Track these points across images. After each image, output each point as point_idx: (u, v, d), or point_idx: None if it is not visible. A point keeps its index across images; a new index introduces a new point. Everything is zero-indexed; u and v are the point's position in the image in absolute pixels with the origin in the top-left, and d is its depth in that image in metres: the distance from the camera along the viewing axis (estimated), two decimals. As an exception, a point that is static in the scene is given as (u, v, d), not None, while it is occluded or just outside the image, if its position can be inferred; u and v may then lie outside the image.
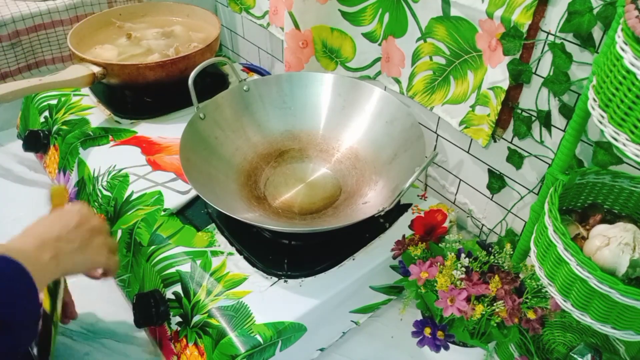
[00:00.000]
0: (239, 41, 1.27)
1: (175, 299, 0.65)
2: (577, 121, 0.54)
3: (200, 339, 0.61)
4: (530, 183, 0.74)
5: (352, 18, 0.86)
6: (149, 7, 1.11)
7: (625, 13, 0.40)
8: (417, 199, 0.81)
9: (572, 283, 0.50)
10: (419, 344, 0.61)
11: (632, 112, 0.41)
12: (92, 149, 0.86)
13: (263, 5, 1.06)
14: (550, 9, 0.60)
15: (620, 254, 0.49)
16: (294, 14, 0.87)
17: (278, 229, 0.69)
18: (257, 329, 0.60)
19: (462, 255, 0.62)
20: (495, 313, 0.58)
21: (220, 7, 1.26)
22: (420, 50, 0.79)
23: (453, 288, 0.59)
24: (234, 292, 0.64)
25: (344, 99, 0.86)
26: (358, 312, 0.72)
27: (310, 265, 0.68)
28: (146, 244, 0.71)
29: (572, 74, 0.61)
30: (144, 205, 0.76)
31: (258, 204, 0.75)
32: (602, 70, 0.45)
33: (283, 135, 0.87)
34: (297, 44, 0.91)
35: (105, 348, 0.71)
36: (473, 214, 0.87)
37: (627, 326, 0.49)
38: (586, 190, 0.60)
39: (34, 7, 1.03)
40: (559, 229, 0.50)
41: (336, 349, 0.71)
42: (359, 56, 0.90)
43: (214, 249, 0.70)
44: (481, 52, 0.71)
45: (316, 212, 0.76)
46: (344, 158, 0.84)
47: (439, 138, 0.86)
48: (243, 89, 0.85)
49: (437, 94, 0.81)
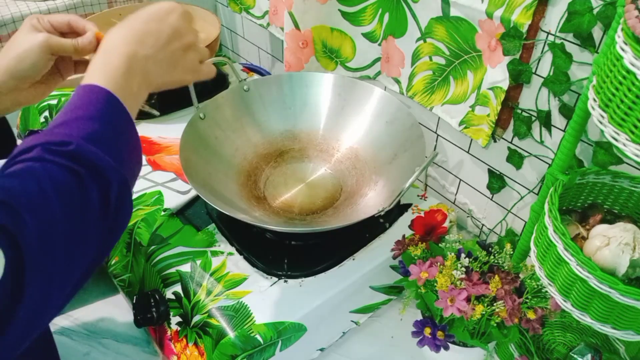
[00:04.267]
0: (239, 41, 1.27)
1: (175, 299, 0.65)
2: (577, 121, 0.54)
3: (200, 339, 0.61)
4: (530, 183, 0.74)
5: (352, 18, 0.86)
6: (149, 7, 1.11)
7: (625, 13, 0.40)
8: (417, 199, 0.81)
9: (572, 283, 0.50)
10: (419, 344, 0.61)
11: (632, 112, 0.41)
12: (92, 149, 0.86)
13: (263, 5, 1.06)
14: (550, 9, 0.60)
15: (620, 254, 0.49)
16: (294, 14, 0.87)
17: (278, 229, 0.69)
18: (257, 329, 0.60)
19: (462, 255, 0.62)
20: (495, 313, 0.58)
21: (220, 7, 1.26)
22: (420, 50, 0.79)
23: (453, 288, 0.59)
24: (234, 292, 0.64)
25: (344, 99, 0.86)
26: (358, 312, 0.72)
27: (310, 265, 0.68)
28: (146, 244, 0.71)
29: (572, 74, 0.61)
30: (144, 205, 0.76)
31: (258, 204, 0.75)
32: (602, 70, 0.45)
33: (283, 135, 0.87)
34: (297, 44, 0.91)
35: (105, 348, 0.71)
36: (473, 214, 0.87)
37: (627, 326, 0.49)
38: (586, 190, 0.60)
39: (34, 7, 1.03)
40: (559, 229, 0.50)
41: (336, 349, 0.71)
42: (359, 56, 0.90)
43: (214, 249, 0.70)
44: (481, 52, 0.71)
45: (316, 212, 0.76)
46: (344, 158, 0.84)
47: (439, 138, 0.86)
48: (243, 89, 0.85)
49: (437, 94, 0.81)
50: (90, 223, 0.39)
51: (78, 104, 0.42)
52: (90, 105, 0.42)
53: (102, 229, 0.40)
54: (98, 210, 0.39)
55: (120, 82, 0.45)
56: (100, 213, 0.39)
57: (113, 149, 0.42)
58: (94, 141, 0.40)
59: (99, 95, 0.43)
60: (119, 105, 0.44)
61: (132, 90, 0.46)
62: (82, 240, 0.39)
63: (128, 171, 0.43)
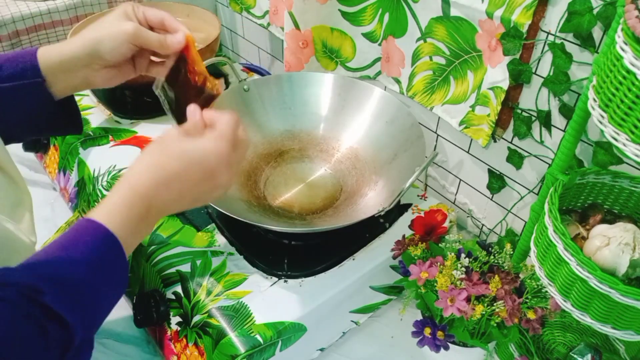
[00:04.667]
0: (239, 41, 1.27)
1: (175, 299, 0.65)
2: (577, 121, 0.54)
3: (200, 339, 0.61)
4: (530, 183, 0.74)
5: (352, 18, 0.86)
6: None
7: (625, 13, 0.40)
8: (417, 199, 0.81)
9: (572, 283, 0.50)
10: (419, 344, 0.61)
11: (632, 112, 0.41)
12: (92, 149, 0.86)
13: (263, 4, 1.06)
14: (550, 9, 0.60)
15: (620, 254, 0.49)
16: (294, 14, 0.87)
17: (278, 229, 0.69)
18: (257, 329, 0.60)
19: (462, 255, 0.62)
20: (495, 313, 0.58)
21: (220, 7, 1.26)
22: (420, 50, 0.79)
23: (453, 288, 0.59)
24: (234, 292, 0.64)
25: (344, 99, 0.86)
26: (358, 312, 0.72)
27: (310, 265, 0.68)
28: (146, 244, 0.71)
29: (572, 74, 0.61)
30: (144, 205, 0.75)
31: (258, 204, 0.75)
32: (602, 70, 0.45)
33: (283, 135, 0.87)
34: (297, 44, 0.91)
35: (105, 348, 0.71)
36: (473, 214, 0.87)
37: (627, 326, 0.49)
38: (586, 190, 0.60)
39: (34, 7, 1.03)
40: (559, 229, 0.50)
41: (336, 349, 0.71)
42: (359, 56, 0.90)
43: (214, 249, 0.70)
44: (481, 52, 0.71)
45: (316, 212, 0.76)
46: (344, 158, 0.84)
47: (439, 138, 0.86)
48: (243, 89, 0.85)
49: (437, 94, 0.81)
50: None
51: (74, 240, 0.40)
52: (86, 246, 0.40)
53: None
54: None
55: (130, 226, 0.43)
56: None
57: (89, 305, 0.39)
58: (70, 294, 0.38)
59: (97, 235, 0.41)
60: (116, 248, 0.41)
61: (140, 233, 0.45)
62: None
63: (97, 324, 0.41)
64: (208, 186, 0.47)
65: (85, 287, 0.39)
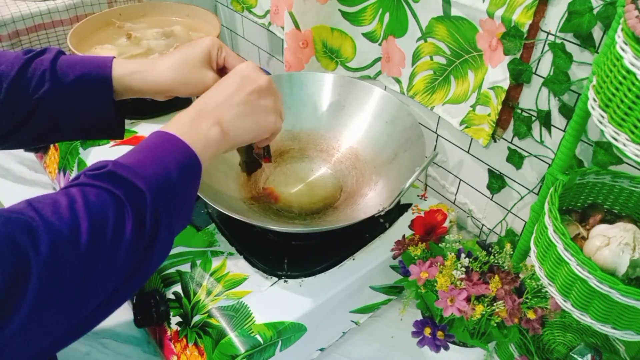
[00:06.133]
0: (239, 41, 1.27)
1: (175, 299, 0.65)
2: (577, 121, 0.54)
3: (200, 339, 0.61)
4: (530, 183, 0.74)
5: (352, 18, 0.86)
6: (149, 7, 1.11)
7: (625, 13, 0.40)
8: (417, 199, 0.81)
9: (572, 283, 0.50)
10: (419, 344, 0.61)
11: (632, 112, 0.41)
12: (92, 149, 0.86)
13: (265, 4, 1.06)
14: (550, 9, 0.60)
15: (620, 254, 0.49)
16: (294, 14, 0.87)
17: (278, 229, 0.69)
18: (257, 329, 0.60)
19: (462, 255, 0.62)
20: (495, 313, 0.58)
21: (220, 7, 1.26)
22: (421, 50, 0.79)
23: (453, 288, 0.59)
24: (234, 292, 0.64)
25: (344, 99, 0.86)
26: (358, 312, 0.72)
27: (310, 265, 0.68)
28: (146, 244, 0.71)
29: (572, 74, 0.61)
30: (144, 205, 0.75)
31: (258, 204, 0.75)
32: (602, 70, 0.45)
33: (283, 135, 0.87)
34: (297, 44, 0.91)
35: (105, 348, 0.71)
36: (473, 214, 0.87)
37: (627, 326, 0.49)
38: (586, 190, 0.60)
39: (34, 7, 1.03)
40: (559, 229, 0.50)
41: (336, 349, 0.71)
42: (359, 56, 0.90)
43: (214, 249, 0.70)
44: (482, 51, 0.71)
45: (316, 212, 0.76)
46: (344, 158, 0.84)
47: (439, 138, 0.86)
48: (243, 89, 0.85)
49: (437, 93, 0.81)
50: (119, 254, 0.39)
51: (148, 147, 0.46)
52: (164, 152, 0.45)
53: (130, 261, 0.41)
54: (129, 243, 0.40)
55: (189, 126, 0.48)
56: (131, 245, 0.40)
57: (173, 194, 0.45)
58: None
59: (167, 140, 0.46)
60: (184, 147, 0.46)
61: (202, 132, 0.48)
62: (103, 274, 0.39)
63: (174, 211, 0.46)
64: (248, 90, 0.51)
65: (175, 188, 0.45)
